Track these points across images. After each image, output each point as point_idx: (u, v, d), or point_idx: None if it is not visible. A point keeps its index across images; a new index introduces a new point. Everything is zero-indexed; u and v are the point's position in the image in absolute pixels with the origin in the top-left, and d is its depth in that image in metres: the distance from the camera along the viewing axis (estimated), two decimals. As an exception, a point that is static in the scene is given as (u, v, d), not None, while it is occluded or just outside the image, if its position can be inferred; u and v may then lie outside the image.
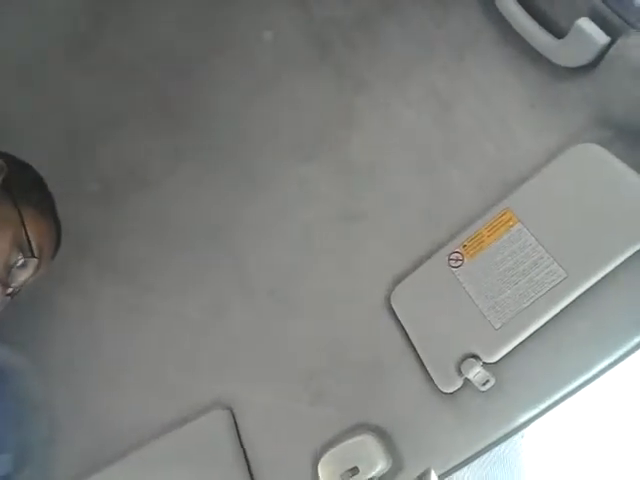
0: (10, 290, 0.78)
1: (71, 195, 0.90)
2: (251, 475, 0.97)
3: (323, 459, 0.89)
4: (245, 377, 1.06)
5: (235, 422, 1.02)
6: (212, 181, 1.20)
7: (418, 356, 0.93)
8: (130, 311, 1.17)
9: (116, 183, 1.24)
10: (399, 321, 0.97)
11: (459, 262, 0.94)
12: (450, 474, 0.82)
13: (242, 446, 1.00)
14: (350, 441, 0.89)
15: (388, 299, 0.99)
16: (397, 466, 0.86)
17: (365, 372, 0.97)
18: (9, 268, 0.74)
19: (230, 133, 1.22)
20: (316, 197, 1.12)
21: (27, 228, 0.76)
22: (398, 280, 1.00)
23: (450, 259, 0.95)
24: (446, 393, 0.88)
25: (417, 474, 0.76)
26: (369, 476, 0.84)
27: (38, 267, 0.80)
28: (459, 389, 0.87)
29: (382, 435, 0.89)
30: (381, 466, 0.85)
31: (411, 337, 0.94)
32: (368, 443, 0.88)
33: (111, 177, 1.25)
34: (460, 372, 0.86)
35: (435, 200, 1.04)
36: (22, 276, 0.78)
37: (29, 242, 0.75)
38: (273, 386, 1.03)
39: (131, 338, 1.15)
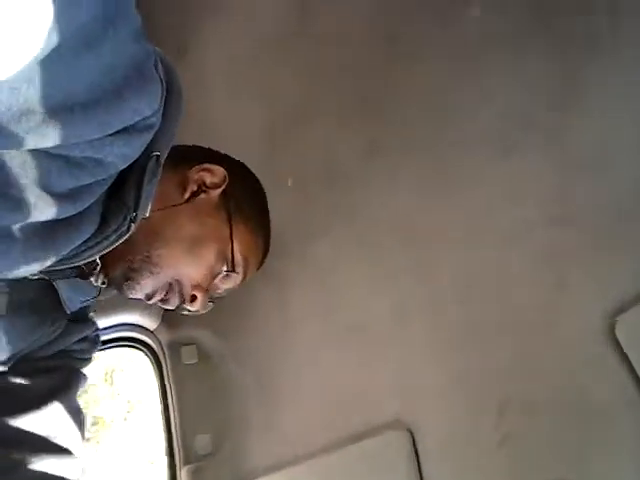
0: (214, 298, 0.80)
1: (267, 190, 0.90)
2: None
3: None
4: (428, 397, 0.95)
5: (415, 446, 0.92)
6: (407, 177, 1.10)
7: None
8: (317, 310, 1.15)
9: (310, 178, 1.23)
10: (626, 356, 0.77)
11: None
12: None
13: (420, 474, 0.90)
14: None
15: (612, 327, 0.79)
16: None
17: (572, 416, 0.79)
18: (213, 277, 0.75)
19: (426, 123, 1.09)
20: (521, 197, 0.94)
21: (234, 243, 0.74)
22: (626, 305, 0.78)
23: None
24: None
25: None
26: None
27: (243, 279, 0.80)
28: None
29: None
30: None
31: (645, 379, 0.74)
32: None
33: (305, 172, 1.23)
34: None
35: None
36: (225, 285, 0.79)
37: (233, 257, 0.75)
38: (459, 413, 0.90)
39: (317, 339, 1.13)
